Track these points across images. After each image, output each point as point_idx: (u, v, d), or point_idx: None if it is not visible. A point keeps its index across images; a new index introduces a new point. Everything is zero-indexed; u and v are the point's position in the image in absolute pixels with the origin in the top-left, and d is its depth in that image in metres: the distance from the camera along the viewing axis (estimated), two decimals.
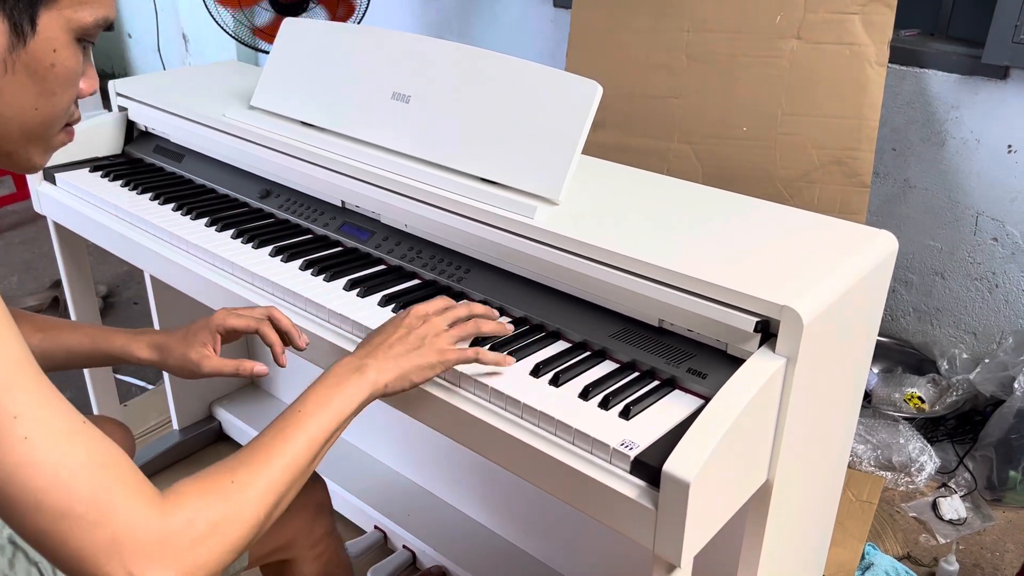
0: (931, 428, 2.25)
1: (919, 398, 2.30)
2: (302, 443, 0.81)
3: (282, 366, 1.05)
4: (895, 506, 2.04)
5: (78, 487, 0.64)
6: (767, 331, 0.95)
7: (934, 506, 2.01)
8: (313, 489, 1.24)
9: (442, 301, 1.02)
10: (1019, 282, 2.28)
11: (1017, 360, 2.14)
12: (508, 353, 1.03)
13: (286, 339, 1.07)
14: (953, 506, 2.00)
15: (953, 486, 2.09)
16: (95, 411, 1.96)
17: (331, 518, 1.29)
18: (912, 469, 2.10)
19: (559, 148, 1.18)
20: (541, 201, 1.17)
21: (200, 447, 2.18)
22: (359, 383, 0.89)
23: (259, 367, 1.04)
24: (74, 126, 0.82)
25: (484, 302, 1.18)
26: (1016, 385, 2.08)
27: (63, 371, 1.12)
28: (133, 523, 0.65)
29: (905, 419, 2.21)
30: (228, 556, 0.71)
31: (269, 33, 2.71)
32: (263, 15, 2.74)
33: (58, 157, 1.66)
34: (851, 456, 2.11)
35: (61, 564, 0.65)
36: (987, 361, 2.24)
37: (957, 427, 2.26)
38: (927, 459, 2.11)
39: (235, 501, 0.73)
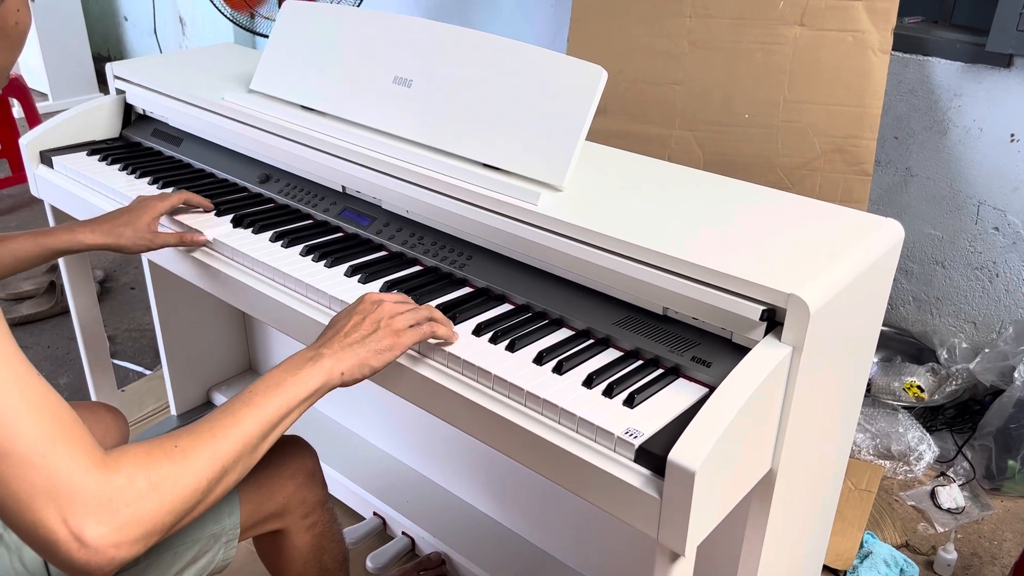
0: (930, 417, 2.25)
1: (918, 387, 2.30)
2: (251, 422, 0.82)
3: (205, 243, 1.31)
4: (894, 495, 2.04)
5: (22, 430, 0.65)
6: (773, 319, 0.94)
7: (932, 495, 2.02)
8: (303, 457, 1.24)
9: (396, 294, 1.03)
10: (1020, 272, 2.27)
11: (1017, 350, 2.14)
12: (512, 340, 1.03)
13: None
14: (951, 495, 2.00)
15: (952, 475, 2.09)
16: (93, 396, 1.95)
17: (324, 489, 1.28)
18: (911, 458, 2.10)
19: (563, 134, 1.17)
20: (545, 187, 1.16)
21: None
22: (312, 370, 0.90)
23: (199, 237, 1.31)
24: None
25: (486, 289, 1.17)
26: (1016, 375, 2.08)
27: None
28: (73, 472, 0.66)
29: (904, 408, 2.21)
30: (167, 517, 0.71)
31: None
32: (274, 9, 2.73)
33: (56, 140, 1.65)
34: None
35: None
36: (987, 351, 2.23)
37: (956, 416, 2.26)
38: (926, 448, 2.11)
39: (177, 463, 0.74)
